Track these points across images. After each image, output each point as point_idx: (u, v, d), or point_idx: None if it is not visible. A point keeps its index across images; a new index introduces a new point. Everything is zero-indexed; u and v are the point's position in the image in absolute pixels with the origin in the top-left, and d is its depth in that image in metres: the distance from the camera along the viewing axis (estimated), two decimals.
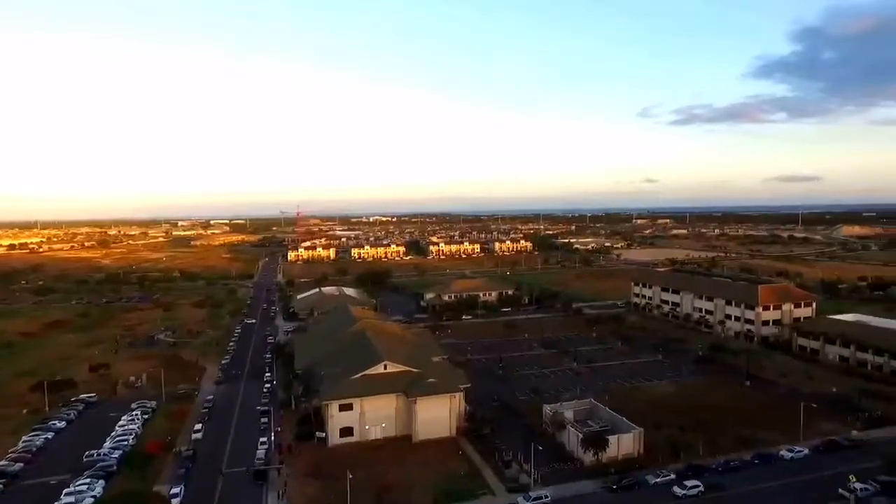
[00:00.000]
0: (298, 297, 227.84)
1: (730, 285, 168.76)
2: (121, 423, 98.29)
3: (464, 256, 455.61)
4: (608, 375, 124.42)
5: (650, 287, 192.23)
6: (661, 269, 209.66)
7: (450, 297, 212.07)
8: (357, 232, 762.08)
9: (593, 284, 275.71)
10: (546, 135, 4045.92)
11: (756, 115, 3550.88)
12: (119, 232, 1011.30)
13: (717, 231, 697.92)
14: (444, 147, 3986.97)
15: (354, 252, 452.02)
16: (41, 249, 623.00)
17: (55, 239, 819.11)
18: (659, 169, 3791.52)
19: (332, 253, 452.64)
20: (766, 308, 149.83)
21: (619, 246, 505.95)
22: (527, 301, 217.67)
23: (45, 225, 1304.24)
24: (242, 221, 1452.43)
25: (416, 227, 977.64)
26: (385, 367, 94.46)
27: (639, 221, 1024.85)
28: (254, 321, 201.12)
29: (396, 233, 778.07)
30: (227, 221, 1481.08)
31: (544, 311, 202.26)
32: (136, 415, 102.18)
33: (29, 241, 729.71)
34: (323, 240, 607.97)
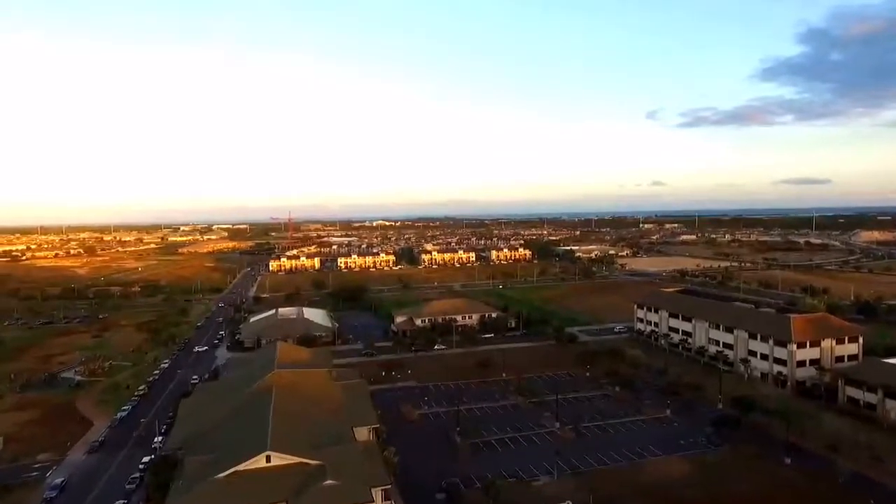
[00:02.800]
0: (252, 319, 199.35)
1: (754, 314, 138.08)
2: None
3: (457, 266, 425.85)
4: (600, 444, 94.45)
5: (657, 312, 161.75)
6: (670, 290, 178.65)
7: (423, 321, 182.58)
8: (351, 239, 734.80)
9: (592, 301, 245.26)
10: (552, 137, 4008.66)
11: (763, 118, 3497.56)
12: (114, 238, 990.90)
13: (728, 236, 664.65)
14: (450, 150, 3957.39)
15: (341, 262, 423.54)
16: (23, 258, 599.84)
17: (46, 245, 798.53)
18: (666, 172, 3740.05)
19: (316, 262, 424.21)
20: (801, 345, 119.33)
21: (624, 254, 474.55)
22: (513, 324, 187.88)
23: (47, 230, 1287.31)
24: (244, 226, 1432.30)
25: (416, 233, 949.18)
26: (268, 460, 65.27)
27: (646, 226, 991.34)
28: (197, 349, 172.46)
29: (393, 239, 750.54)
30: (230, 226, 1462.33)
31: (532, 338, 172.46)
32: None
33: (13, 248, 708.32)
34: (313, 247, 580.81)
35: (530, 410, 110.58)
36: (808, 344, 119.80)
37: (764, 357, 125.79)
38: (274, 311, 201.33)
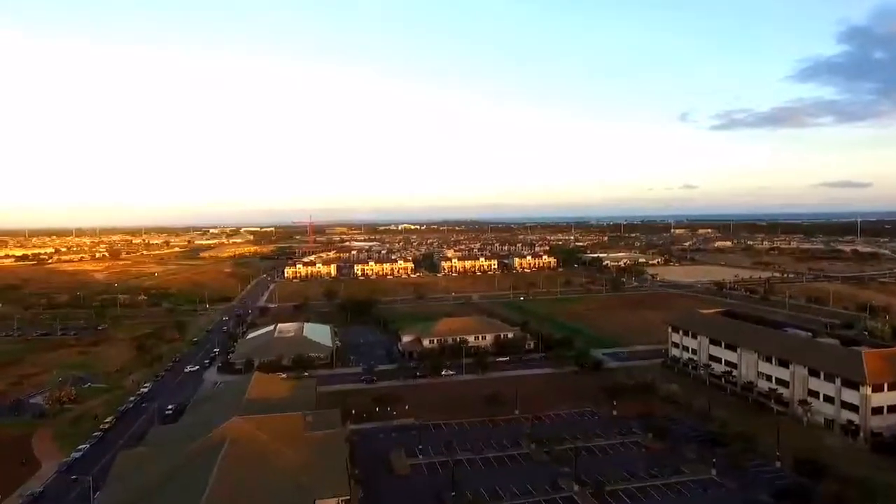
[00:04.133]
0: (249, 336, 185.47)
1: (814, 346, 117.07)
2: None
3: (478, 273, 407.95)
4: None
5: (695, 337, 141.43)
6: (709, 312, 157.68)
7: (431, 341, 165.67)
8: (373, 244, 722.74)
9: (621, 317, 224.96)
10: (580, 140, 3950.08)
11: (801, 119, 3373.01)
12: (143, 241, 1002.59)
13: (765, 243, 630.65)
14: (477, 153, 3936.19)
15: (358, 269, 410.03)
16: (49, 261, 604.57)
17: (76, 248, 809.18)
18: (697, 174, 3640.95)
19: (332, 269, 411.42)
20: (877, 388, 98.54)
21: (654, 262, 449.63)
22: (531, 346, 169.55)
23: (83, 232, 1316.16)
24: (271, 229, 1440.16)
25: (439, 237, 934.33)
26: None
27: (677, 231, 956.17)
28: (188, 369, 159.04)
29: (416, 244, 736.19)
30: (258, 228, 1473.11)
31: (553, 363, 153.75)
32: None
33: (42, 251, 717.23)
34: (332, 252, 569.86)
35: (543, 466, 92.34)
36: (885, 387, 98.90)
37: (828, 399, 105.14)
38: (273, 326, 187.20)
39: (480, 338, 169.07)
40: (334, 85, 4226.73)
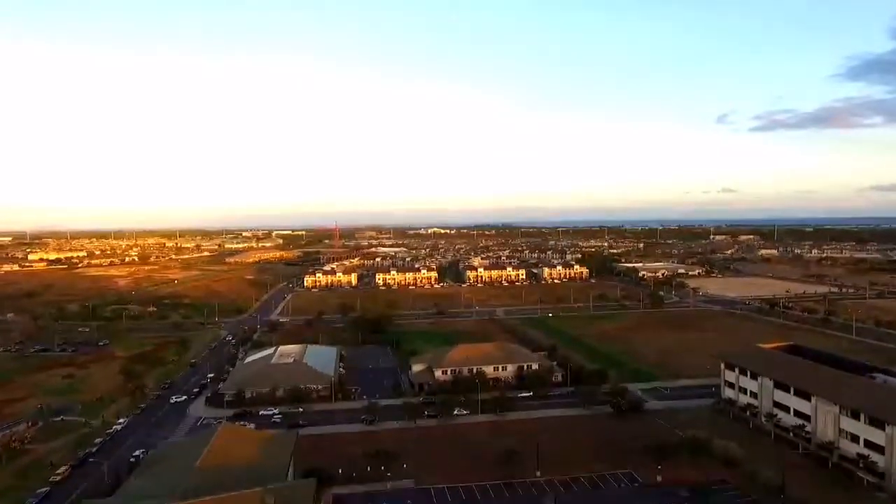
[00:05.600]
0: (247, 359, 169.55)
1: None
2: None
3: (505, 284, 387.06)
4: None
5: (755, 378, 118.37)
6: (771, 347, 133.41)
7: (444, 372, 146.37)
8: (399, 250, 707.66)
9: (661, 339, 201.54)
10: (613, 142, 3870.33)
11: (847, 120, 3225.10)
12: (176, 244, 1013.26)
13: (814, 251, 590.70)
14: (509, 155, 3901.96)
15: (379, 278, 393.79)
16: (79, 265, 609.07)
17: (109, 251, 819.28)
18: (736, 178, 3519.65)
19: (353, 278, 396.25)
20: None
21: (695, 273, 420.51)
22: (559, 378, 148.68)
23: (121, 234, 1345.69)
24: (302, 233, 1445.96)
25: (468, 243, 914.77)
26: None
27: (717, 237, 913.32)
28: (174, 399, 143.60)
29: (443, 250, 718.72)
30: (290, 231, 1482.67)
31: (583, 401, 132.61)
32: None
33: (74, 255, 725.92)
34: (356, 259, 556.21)
35: None
36: None
37: None
38: (273, 349, 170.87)
39: (500, 368, 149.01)
40: (372, 88, 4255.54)
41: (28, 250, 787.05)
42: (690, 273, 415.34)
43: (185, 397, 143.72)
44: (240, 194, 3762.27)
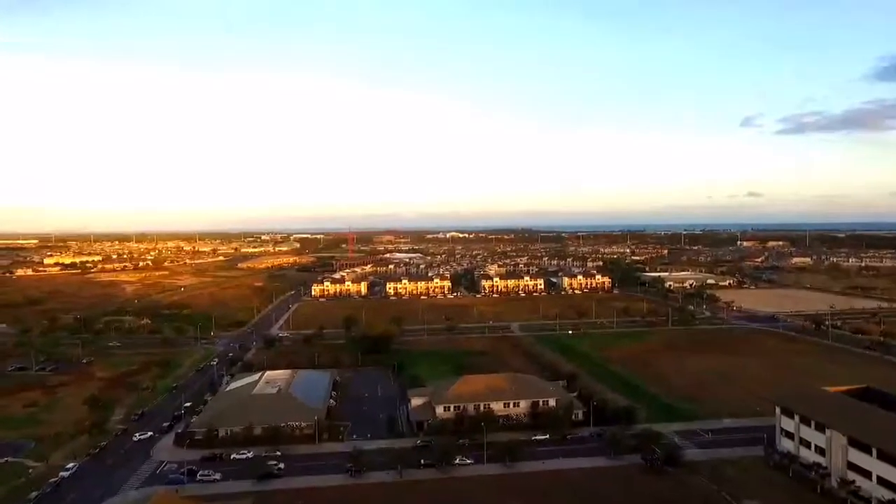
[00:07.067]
0: (229, 387, 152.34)
1: None
2: None
3: (522, 295, 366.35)
4: None
5: (822, 430, 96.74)
6: (840, 390, 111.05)
7: (446, 408, 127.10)
8: (414, 256, 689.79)
9: (694, 365, 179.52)
10: (633, 145, 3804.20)
11: (880, 122, 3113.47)
12: (193, 248, 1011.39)
13: (851, 260, 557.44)
14: (528, 158, 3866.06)
15: (389, 287, 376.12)
16: (92, 269, 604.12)
17: (126, 255, 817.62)
18: (763, 181, 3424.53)
19: (362, 288, 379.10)
20: None
21: (726, 284, 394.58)
22: (580, 416, 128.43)
23: (143, 237, 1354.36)
24: (320, 236, 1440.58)
25: (485, 248, 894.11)
26: None
27: (744, 244, 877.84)
28: (138, 436, 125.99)
29: (459, 256, 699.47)
30: (309, 235, 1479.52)
31: (608, 448, 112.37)
32: None
33: (89, 259, 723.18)
34: (368, 266, 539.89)
35: None
36: None
37: None
38: (259, 375, 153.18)
39: (512, 405, 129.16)
40: (394, 93, 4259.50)
41: (48, 254, 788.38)
42: (721, 284, 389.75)
43: (150, 433, 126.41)
44: (263, 197, 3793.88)
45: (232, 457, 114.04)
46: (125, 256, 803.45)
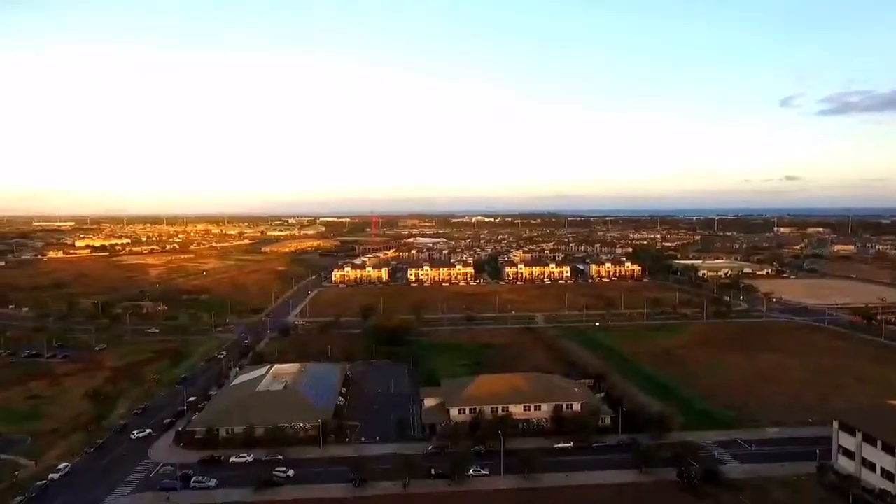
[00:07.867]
0: (235, 381, 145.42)
1: None
2: None
3: (547, 282, 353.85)
4: None
5: (889, 451, 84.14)
6: None
7: (461, 410, 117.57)
8: (438, 241, 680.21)
9: (733, 364, 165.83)
10: (665, 127, 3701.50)
11: None
12: (221, 231, 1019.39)
13: None
14: (557, 141, 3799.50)
15: (411, 273, 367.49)
16: (120, 252, 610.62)
17: (155, 238, 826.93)
18: (801, 165, 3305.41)
19: (383, 273, 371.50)
20: None
21: (763, 273, 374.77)
22: (607, 421, 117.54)
23: (173, 220, 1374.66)
24: (346, 219, 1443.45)
25: (511, 233, 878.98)
26: None
27: (781, 230, 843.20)
28: (136, 434, 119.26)
29: (483, 241, 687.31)
30: (335, 219, 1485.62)
31: (639, 460, 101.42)
32: None
33: (118, 241, 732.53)
34: (391, 251, 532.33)
35: None
36: None
37: None
38: (266, 369, 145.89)
39: (533, 408, 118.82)
40: (422, 78, 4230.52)
41: (81, 236, 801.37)
42: (758, 273, 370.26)
43: (149, 431, 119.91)
44: (293, 180, 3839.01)
45: (231, 460, 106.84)
46: (154, 239, 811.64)
